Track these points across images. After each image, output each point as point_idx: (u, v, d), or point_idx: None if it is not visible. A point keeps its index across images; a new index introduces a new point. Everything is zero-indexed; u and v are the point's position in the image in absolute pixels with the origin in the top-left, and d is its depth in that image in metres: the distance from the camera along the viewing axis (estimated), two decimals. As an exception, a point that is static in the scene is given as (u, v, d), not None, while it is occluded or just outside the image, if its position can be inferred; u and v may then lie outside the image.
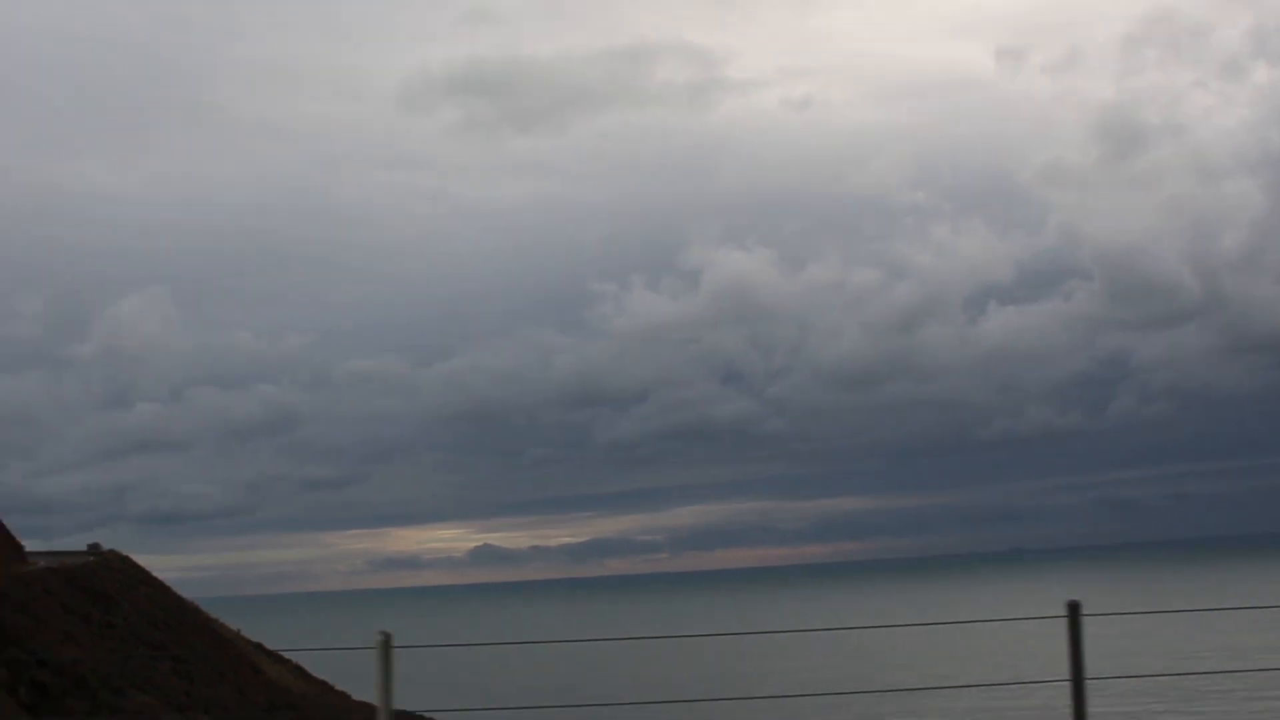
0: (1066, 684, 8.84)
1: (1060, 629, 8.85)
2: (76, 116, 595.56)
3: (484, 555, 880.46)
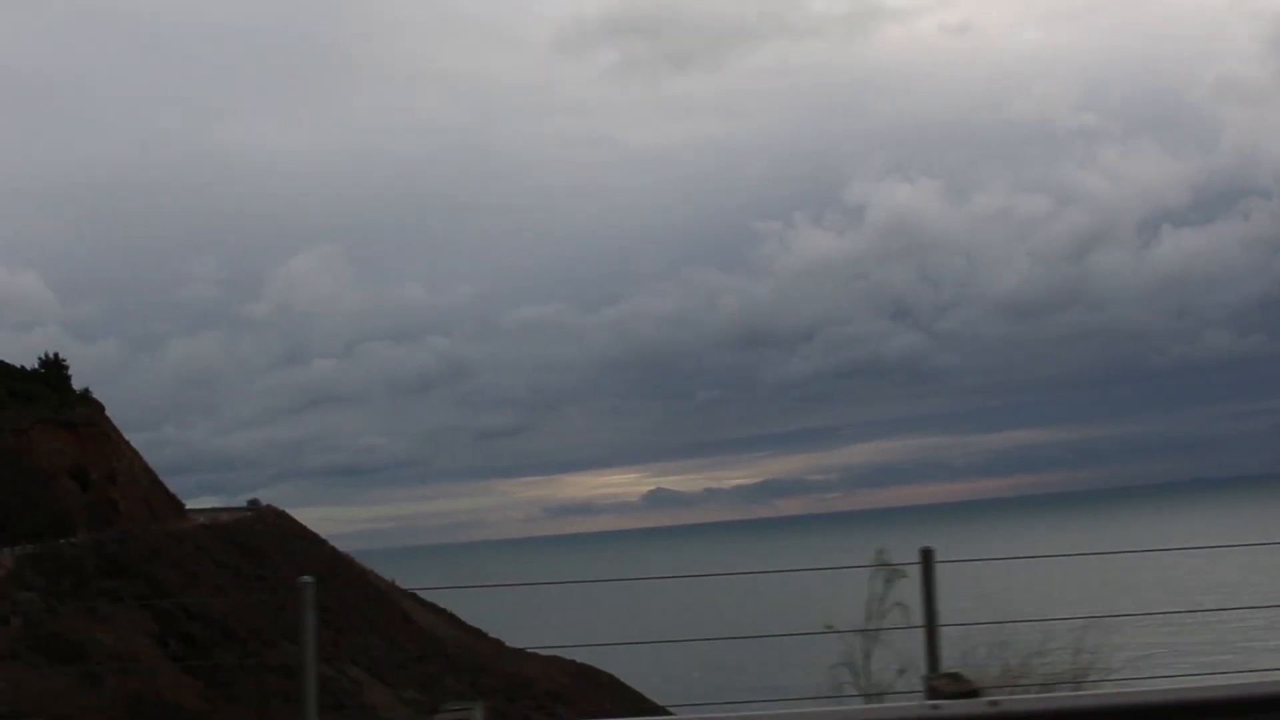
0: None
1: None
2: (242, 78, 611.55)
3: (657, 499, 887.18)
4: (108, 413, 70.96)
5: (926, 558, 8.10)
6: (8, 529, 53.75)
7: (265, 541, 68.01)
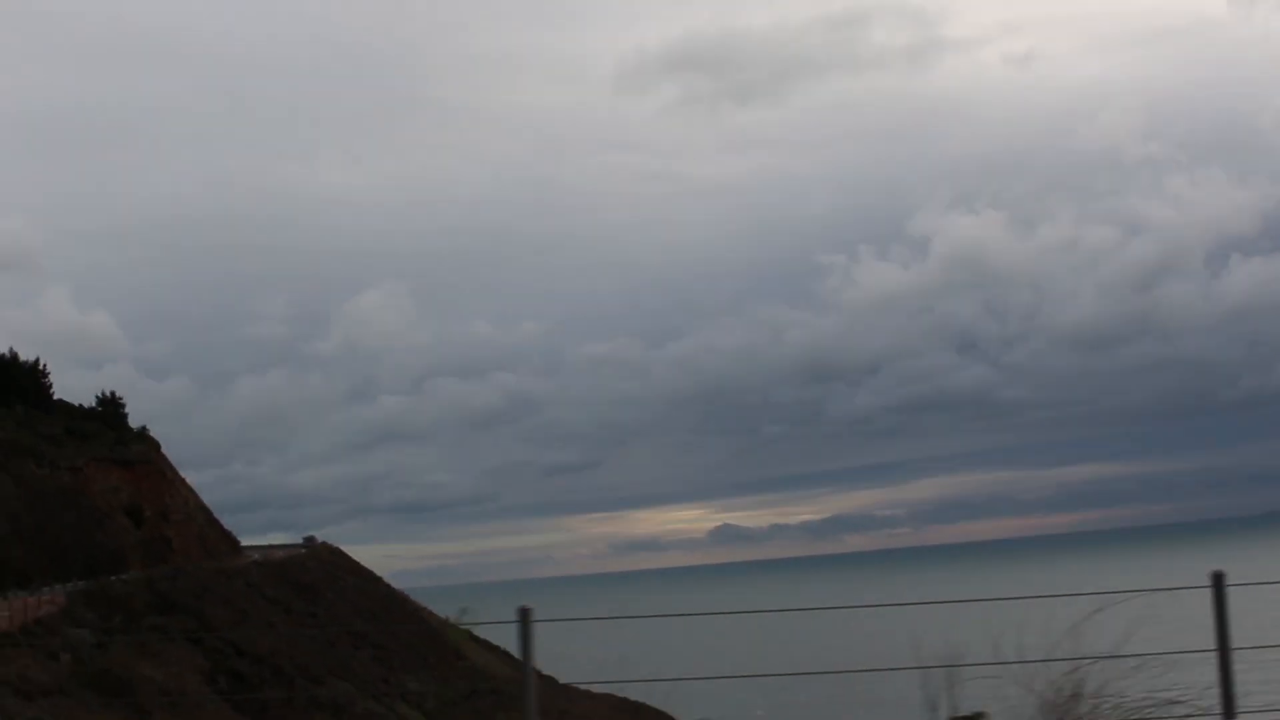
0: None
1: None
2: (305, 119, 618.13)
3: (724, 535, 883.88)
4: (170, 450, 71.68)
5: (524, 616, 8.19)
6: (62, 566, 54.26)
7: (318, 579, 68.20)
